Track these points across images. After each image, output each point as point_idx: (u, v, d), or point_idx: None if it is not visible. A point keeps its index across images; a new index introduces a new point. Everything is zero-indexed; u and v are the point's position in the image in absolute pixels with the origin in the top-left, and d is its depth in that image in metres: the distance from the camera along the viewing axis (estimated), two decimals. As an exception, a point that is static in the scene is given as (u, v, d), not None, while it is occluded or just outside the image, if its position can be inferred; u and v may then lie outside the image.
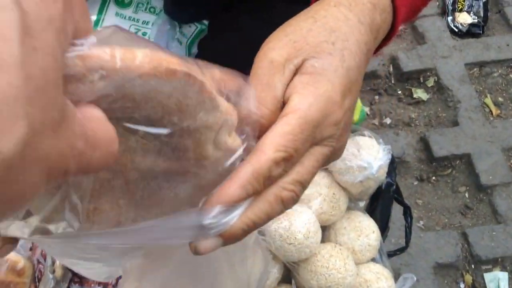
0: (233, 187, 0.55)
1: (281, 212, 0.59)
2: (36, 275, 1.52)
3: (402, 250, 1.57)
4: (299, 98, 0.59)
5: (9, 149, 0.32)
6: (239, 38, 1.31)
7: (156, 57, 0.43)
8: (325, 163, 0.64)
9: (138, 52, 0.43)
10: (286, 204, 0.59)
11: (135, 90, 0.43)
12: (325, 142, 0.61)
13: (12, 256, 1.47)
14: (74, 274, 1.58)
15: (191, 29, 1.43)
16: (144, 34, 1.39)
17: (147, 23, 1.40)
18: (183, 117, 0.48)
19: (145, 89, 0.43)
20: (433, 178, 2.65)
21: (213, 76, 0.56)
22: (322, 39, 0.64)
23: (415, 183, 2.64)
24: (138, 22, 1.39)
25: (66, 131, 0.37)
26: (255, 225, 0.58)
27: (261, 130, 0.59)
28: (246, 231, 0.58)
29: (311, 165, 0.60)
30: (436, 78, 2.93)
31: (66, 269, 1.54)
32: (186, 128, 0.49)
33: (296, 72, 0.62)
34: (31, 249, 1.53)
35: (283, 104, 0.61)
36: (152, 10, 1.40)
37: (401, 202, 1.55)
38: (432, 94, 2.90)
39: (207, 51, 1.40)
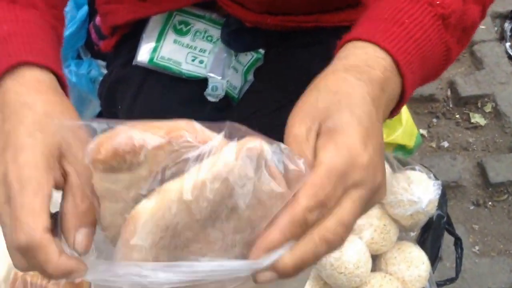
0: (273, 233, 0.66)
1: (326, 252, 0.68)
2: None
3: (452, 280, 1.58)
4: (323, 153, 0.69)
5: None
6: (293, 70, 1.34)
7: None
8: (366, 204, 0.71)
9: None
10: (331, 244, 0.67)
11: None
12: (358, 185, 0.69)
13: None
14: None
15: (248, 58, 1.47)
16: (201, 62, 1.42)
17: (204, 51, 1.43)
18: None
19: None
20: (490, 203, 2.63)
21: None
22: (329, 101, 0.73)
23: (471, 207, 2.62)
24: (195, 50, 1.43)
25: None
26: (304, 264, 0.67)
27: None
28: (297, 269, 0.66)
29: (349, 206, 0.68)
30: (493, 104, 2.91)
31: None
32: None
33: (317, 136, 0.71)
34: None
35: None
36: (209, 38, 1.44)
37: (452, 233, 1.57)
38: (489, 120, 2.89)
39: (262, 79, 1.43)
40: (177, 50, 1.42)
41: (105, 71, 1.82)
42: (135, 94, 1.41)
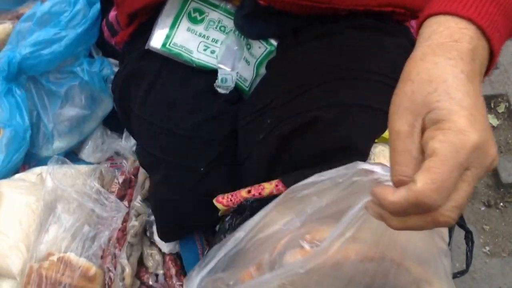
0: (387, 201, 0.73)
1: (431, 228, 0.75)
2: (106, 282, 1.57)
3: (462, 273, 1.57)
4: (432, 143, 0.71)
5: None
6: (307, 61, 1.34)
7: None
8: (479, 179, 0.75)
9: None
10: (440, 225, 0.74)
11: None
12: (472, 166, 0.72)
13: (85, 263, 1.52)
14: (143, 283, 1.63)
15: (260, 50, 1.47)
16: (213, 52, 1.44)
17: (217, 41, 1.45)
18: None
19: None
20: (501, 204, 2.63)
21: None
22: (425, 93, 0.74)
23: (483, 208, 2.62)
24: (208, 39, 1.44)
25: None
26: (410, 228, 0.75)
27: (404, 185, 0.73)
28: (403, 228, 0.76)
29: (464, 189, 0.72)
30: (507, 104, 2.89)
31: (135, 278, 1.59)
32: None
33: (423, 130, 0.74)
34: (102, 257, 1.59)
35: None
36: (222, 28, 1.45)
37: (462, 226, 1.56)
38: (502, 120, 2.87)
39: (275, 71, 1.43)
40: (190, 38, 1.44)
41: (117, 70, 1.83)
42: (149, 86, 1.43)
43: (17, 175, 1.78)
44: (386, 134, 1.35)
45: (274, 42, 1.46)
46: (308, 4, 1.31)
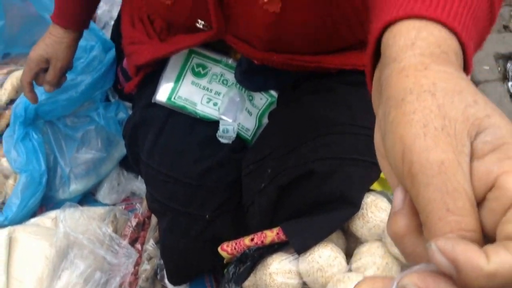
0: (487, 268, 0.42)
1: None
2: None
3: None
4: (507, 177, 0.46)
5: None
6: (303, 116, 1.38)
7: None
8: None
9: None
10: None
11: None
12: None
13: None
14: None
15: (262, 101, 1.52)
16: (215, 104, 1.48)
17: (219, 93, 1.49)
18: None
19: None
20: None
21: None
22: (462, 107, 0.50)
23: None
24: (211, 92, 1.49)
25: None
26: None
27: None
28: None
29: None
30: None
31: None
32: None
33: (472, 158, 0.49)
34: None
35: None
36: (225, 82, 1.49)
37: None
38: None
39: (275, 122, 1.47)
40: (194, 91, 1.49)
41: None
42: (156, 135, 1.47)
43: (32, 220, 1.82)
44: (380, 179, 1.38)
45: (274, 94, 1.51)
46: (299, 64, 1.35)
